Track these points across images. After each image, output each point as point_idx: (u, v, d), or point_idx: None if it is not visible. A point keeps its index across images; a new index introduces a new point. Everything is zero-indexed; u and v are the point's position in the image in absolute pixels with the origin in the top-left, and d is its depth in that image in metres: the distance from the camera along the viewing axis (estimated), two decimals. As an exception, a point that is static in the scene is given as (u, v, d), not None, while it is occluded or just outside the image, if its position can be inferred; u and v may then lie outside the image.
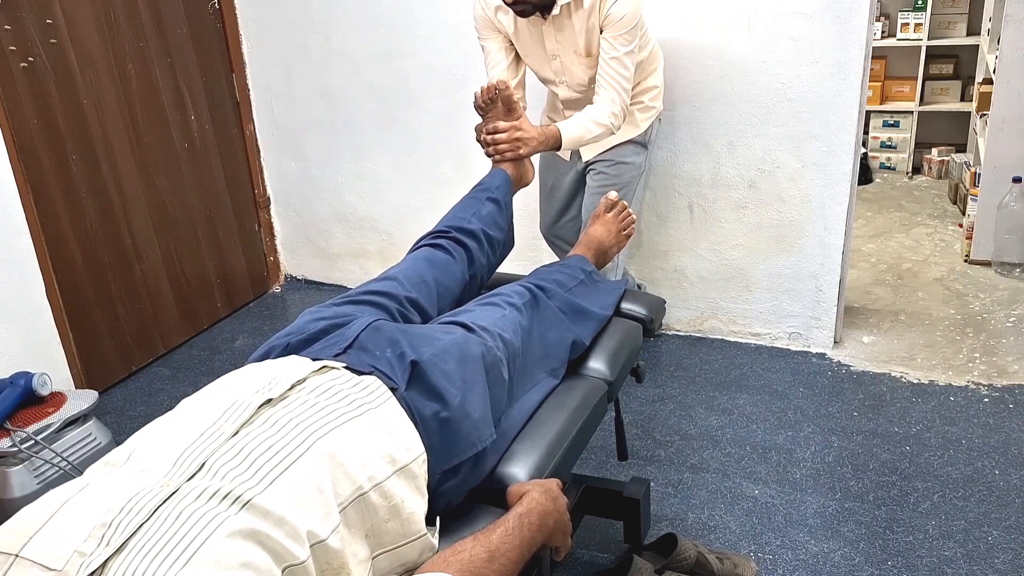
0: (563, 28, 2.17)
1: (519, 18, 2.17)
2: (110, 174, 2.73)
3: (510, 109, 1.95)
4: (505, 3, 2.07)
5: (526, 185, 2.04)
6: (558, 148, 2.13)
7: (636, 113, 2.39)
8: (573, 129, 2.13)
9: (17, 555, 0.82)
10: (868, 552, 1.87)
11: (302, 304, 3.42)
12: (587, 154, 2.44)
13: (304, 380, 1.13)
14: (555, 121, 2.45)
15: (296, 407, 1.07)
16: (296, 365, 1.17)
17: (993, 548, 1.86)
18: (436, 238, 1.69)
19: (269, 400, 1.07)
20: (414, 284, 1.54)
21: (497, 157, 1.95)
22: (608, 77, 2.15)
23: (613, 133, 2.22)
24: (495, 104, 1.94)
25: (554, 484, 1.23)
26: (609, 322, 1.72)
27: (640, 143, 2.43)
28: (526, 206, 2.66)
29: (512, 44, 2.31)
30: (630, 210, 1.92)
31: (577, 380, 1.57)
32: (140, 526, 0.85)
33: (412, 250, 1.70)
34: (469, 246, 1.69)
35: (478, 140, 1.98)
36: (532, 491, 1.18)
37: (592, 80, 2.24)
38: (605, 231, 1.89)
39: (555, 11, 2.11)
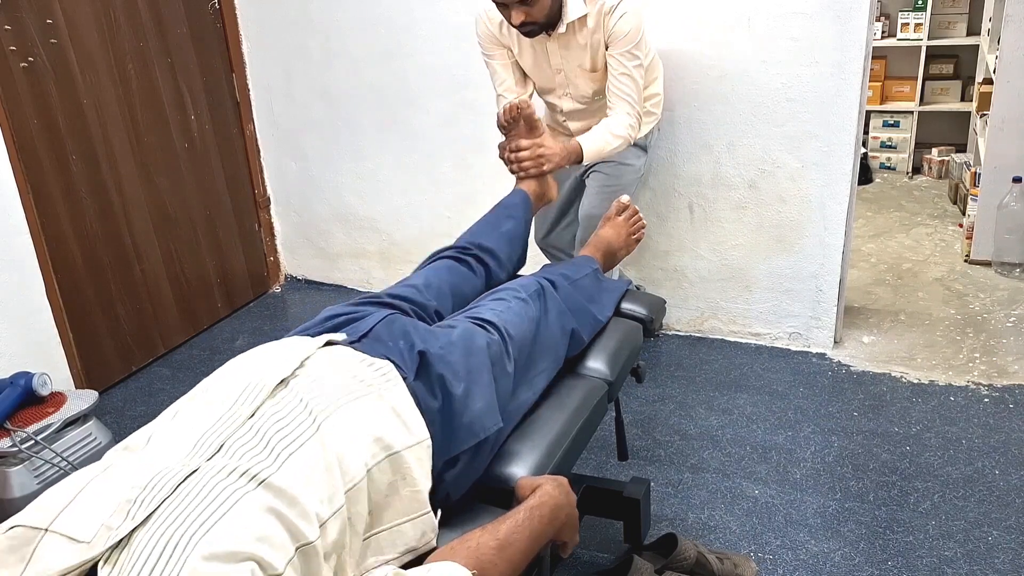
0: (569, 45, 2.18)
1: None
2: (110, 174, 2.73)
3: (532, 127, 1.97)
4: (512, 25, 2.07)
5: (549, 202, 2.06)
6: (580, 162, 2.14)
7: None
8: (593, 142, 2.14)
9: (47, 529, 0.86)
10: (868, 552, 1.87)
11: (302, 304, 3.42)
12: (587, 160, 2.42)
13: (312, 356, 1.16)
14: (554, 130, 2.45)
15: (308, 384, 1.10)
16: (302, 343, 1.20)
17: (993, 548, 1.86)
18: (458, 252, 1.72)
19: (283, 380, 1.10)
20: (434, 292, 1.57)
21: (521, 174, 1.97)
22: (620, 92, 2.17)
23: (630, 144, 2.23)
24: (518, 123, 1.96)
25: (565, 482, 1.23)
26: (609, 322, 1.73)
27: (640, 146, 2.45)
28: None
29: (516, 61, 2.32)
30: (640, 215, 1.93)
31: (577, 380, 1.57)
32: (163, 501, 0.88)
33: (431, 259, 1.73)
34: (488, 264, 1.72)
35: (501, 158, 1.99)
36: (545, 484, 1.18)
37: (596, 93, 2.26)
38: (615, 233, 1.91)
39: (561, 29, 2.12)
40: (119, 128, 2.75)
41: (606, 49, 2.16)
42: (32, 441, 2.01)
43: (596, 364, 1.62)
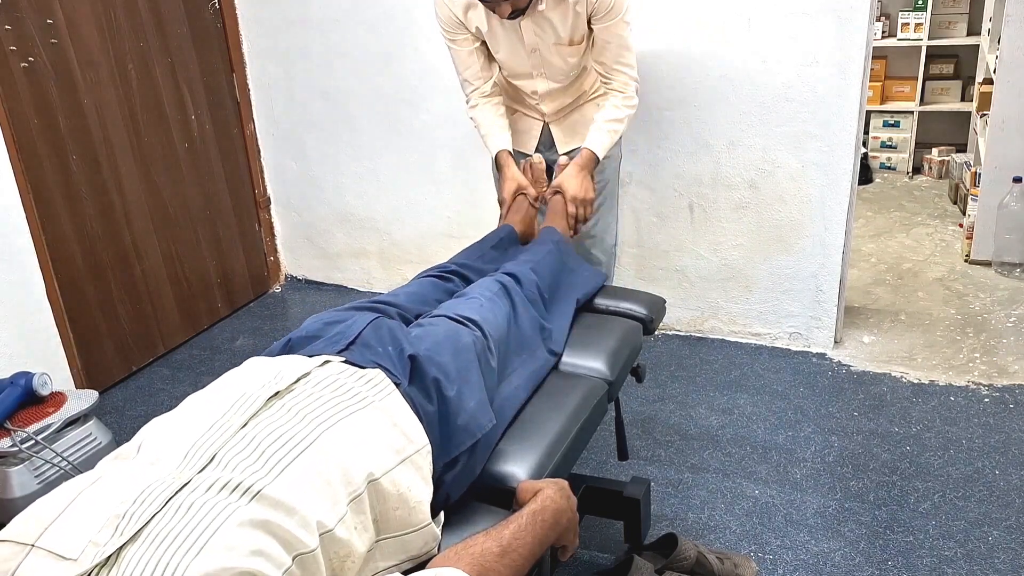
0: (543, 23, 2.07)
1: (493, 16, 2.06)
2: (110, 174, 2.73)
3: (538, 178, 2.17)
4: (501, 16, 1.98)
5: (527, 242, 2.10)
6: (598, 162, 2.13)
7: None
8: (602, 139, 2.12)
9: (33, 545, 0.84)
10: (868, 552, 1.87)
11: (302, 304, 3.42)
12: (563, 147, 2.33)
13: (309, 373, 1.15)
14: (519, 111, 2.34)
15: (303, 399, 1.09)
16: (299, 361, 1.20)
17: (993, 548, 1.86)
18: (441, 271, 1.74)
19: (276, 393, 1.09)
20: (415, 302, 1.58)
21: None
22: (617, 63, 2.10)
23: (635, 109, 2.18)
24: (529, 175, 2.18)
25: (566, 483, 1.23)
26: (608, 322, 1.73)
27: None
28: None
29: (482, 44, 2.21)
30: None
31: (577, 380, 1.57)
32: (152, 516, 0.87)
33: (414, 280, 1.75)
34: (473, 280, 1.73)
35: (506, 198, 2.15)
36: (547, 489, 1.18)
37: (572, 68, 2.17)
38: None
39: (540, 6, 2.02)
40: (119, 128, 2.75)
41: (588, 22, 2.06)
42: (32, 441, 2.00)
43: (596, 364, 1.62)
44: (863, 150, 4.47)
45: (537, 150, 2.35)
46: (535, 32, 2.10)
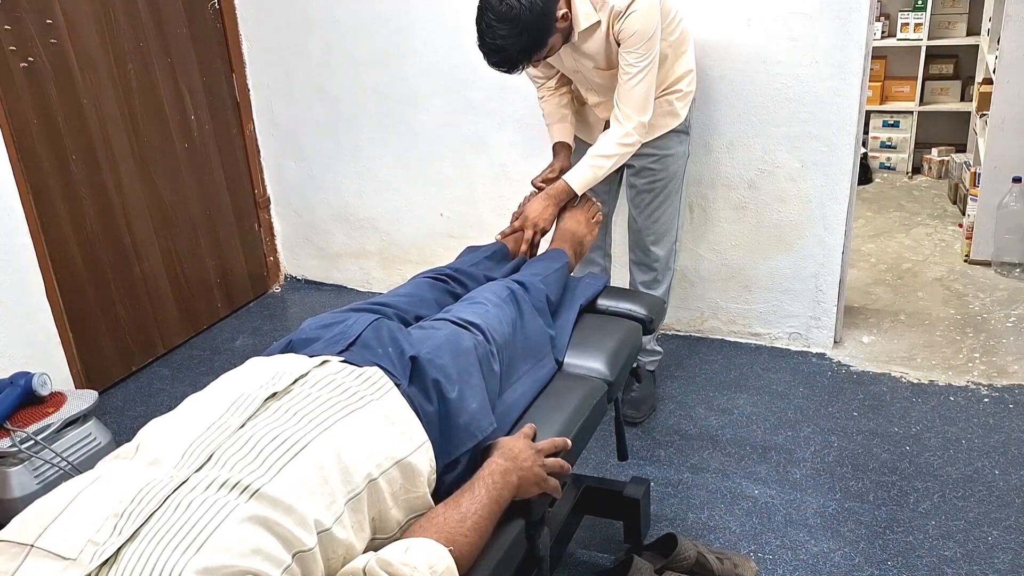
0: (580, 50, 2.14)
1: None
2: (110, 174, 2.73)
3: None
4: (535, 64, 2.07)
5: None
6: (575, 196, 2.10)
7: (675, 103, 2.31)
8: (582, 174, 2.11)
9: (33, 545, 0.85)
10: (868, 552, 1.88)
11: (302, 304, 3.42)
12: None
13: (307, 374, 1.16)
14: (586, 103, 2.40)
15: (300, 400, 1.10)
16: (297, 361, 1.20)
17: (993, 548, 1.86)
18: (436, 273, 1.74)
19: (274, 394, 1.10)
20: (413, 304, 1.59)
21: (524, 248, 2.01)
22: (624, 95, 2.10)
23: (634, 149, 2.17)
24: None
25: (518, 442, 1.25)
26: (608, 323, 1.73)
27: (682, 131, 2.36)
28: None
29: None
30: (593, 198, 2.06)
31: (577, 380, 1.57)
32: (151, 515, 0.87)
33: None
34: (468, 285, 1.74)
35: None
36: (493, 455, 1.22)
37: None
38: (576, 223, 2.01)
39: (574, 39, 2.09)
40: (119, 128, 2.75)
41: (619, 46, 2.13)
42: (32, 441, 2.01)
43: (596, 364, 1.62)
44: (863, 150, 4.47)
45: None
46: (574, 58, 2.18)
